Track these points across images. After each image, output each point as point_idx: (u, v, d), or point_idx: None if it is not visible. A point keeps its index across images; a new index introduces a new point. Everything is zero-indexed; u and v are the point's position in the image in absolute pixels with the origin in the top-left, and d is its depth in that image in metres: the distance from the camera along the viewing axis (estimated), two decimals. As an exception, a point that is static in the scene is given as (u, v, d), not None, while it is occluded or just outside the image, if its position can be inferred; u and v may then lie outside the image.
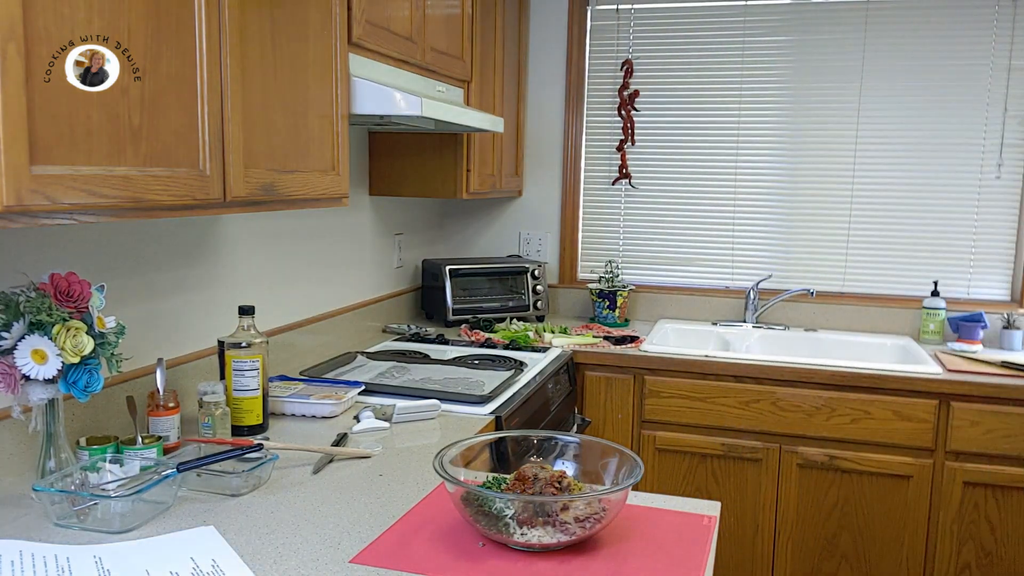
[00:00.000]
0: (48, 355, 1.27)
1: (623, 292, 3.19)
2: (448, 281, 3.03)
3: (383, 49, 2.02)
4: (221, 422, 1.65)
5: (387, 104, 1.90)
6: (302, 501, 1.40)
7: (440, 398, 1.99)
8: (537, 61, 3.38)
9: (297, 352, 2.35)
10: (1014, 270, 3.01)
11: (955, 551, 2.53)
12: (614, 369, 2.74)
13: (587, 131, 3.39)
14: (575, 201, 3.42)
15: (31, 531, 1.25)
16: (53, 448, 1.38)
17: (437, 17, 2.34)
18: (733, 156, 3.22)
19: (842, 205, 3.15)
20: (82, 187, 1.12)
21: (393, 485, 1.49)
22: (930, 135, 3.03)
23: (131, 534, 1.25)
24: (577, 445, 1.39)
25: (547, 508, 1.19)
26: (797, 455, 2.59)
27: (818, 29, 3.09)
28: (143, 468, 1.39)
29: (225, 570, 1.14)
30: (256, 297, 2.13)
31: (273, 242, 2.26)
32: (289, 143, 1.64)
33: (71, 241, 1.59)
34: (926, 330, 2.97)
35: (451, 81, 2.50)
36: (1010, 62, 2.92)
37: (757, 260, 3.25)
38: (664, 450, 2.72)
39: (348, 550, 1.21)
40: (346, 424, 1.85)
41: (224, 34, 1.40)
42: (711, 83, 3.22)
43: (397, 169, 2.80)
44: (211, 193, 1.39)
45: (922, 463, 2.51)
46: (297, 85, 1.66)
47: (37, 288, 1.32)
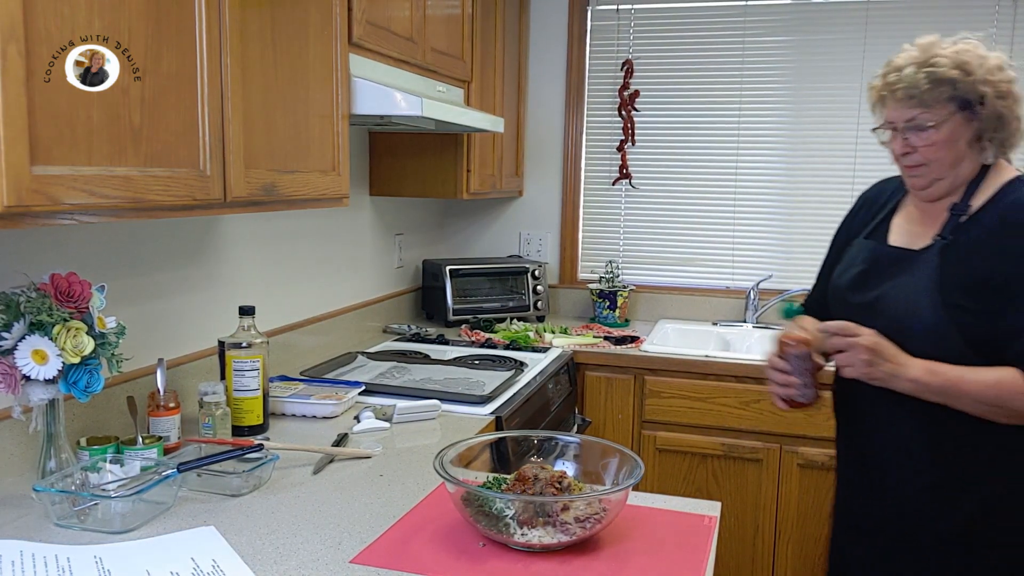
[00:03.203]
0: (48, 355, 1.27)
1: (623, 292, 3.19)
2: (448, 281, 3.03)
3: (383, 49, 2.02)
4: (221, 422, 1.65)
5: (388, 104, 1.90)
6: (302, 501, 1.40)
7: (440, 398, 1.99)
8: (537, 61, 3.38)
9: (297, 352, 2.35)
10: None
11: (956, 551, 2.53)
12: (614, 369, 2.74)
13: (587, 131, 3.39)
14: (575, 201, 3.42)
15: (31, 531, 1.25)
16: (54, 448, 1.38)
17: (437, 17, 2.34)
18: (733, 156, 3.22)
19: (843, 205, 3.10)
20: (82, 187, 1.12)
21: (393, 485, 1.49)
22: (930, 135, 3.02)
23: (131, 534, 1.25)
24: (577, 445, 1.39)
25: (547, 508, 1.19)
26: (798, 455, 2.59)
27: (818, 29, 3.09)
28: (143, 468, 1.39)
29: (225, 570, 1.14)
30: (256, 297, 2.13)
31: (273, 242, 2.26)
32: (289, 143, 1.64)
33: (71, 241, 1.58)
34: None
35: (451, 81, 2.50)
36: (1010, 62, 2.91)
37: (757, 260, 3.25)
38: (664, 450, 2.72)
39: (348, 550, 1.21)
40: (346, 424, 1.85)
41: (224, 34, 1.40)
42: (711, 83, 3.22)
43: (397, 169, 2.80)
44: (211, 193, 1.39)
45: None
46: (298, 85, 1.66)
47: (38, 288, 1.32)
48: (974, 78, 1.45)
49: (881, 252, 1.58)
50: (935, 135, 1.47)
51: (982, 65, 1.46)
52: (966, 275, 1.43)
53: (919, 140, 1.49)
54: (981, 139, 1.49)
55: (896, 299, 1.49)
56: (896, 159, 1.55)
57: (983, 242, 1.45)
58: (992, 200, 1.48)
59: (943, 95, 1.46)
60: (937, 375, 1.43)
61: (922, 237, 1.54)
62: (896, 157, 1.55)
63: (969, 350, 1.42)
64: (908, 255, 1.53)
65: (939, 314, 1.43)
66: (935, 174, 1.50)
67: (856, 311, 1.54)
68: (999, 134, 1.49)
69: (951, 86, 1.45)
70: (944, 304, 1.43)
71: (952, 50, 1.48)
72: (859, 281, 1.58)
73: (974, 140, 1.49)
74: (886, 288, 1.52)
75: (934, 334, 1.44)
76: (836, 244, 1.76)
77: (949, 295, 1.43)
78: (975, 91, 1.45)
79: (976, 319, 1.42)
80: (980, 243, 1.45)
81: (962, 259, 1.45)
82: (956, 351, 1.43)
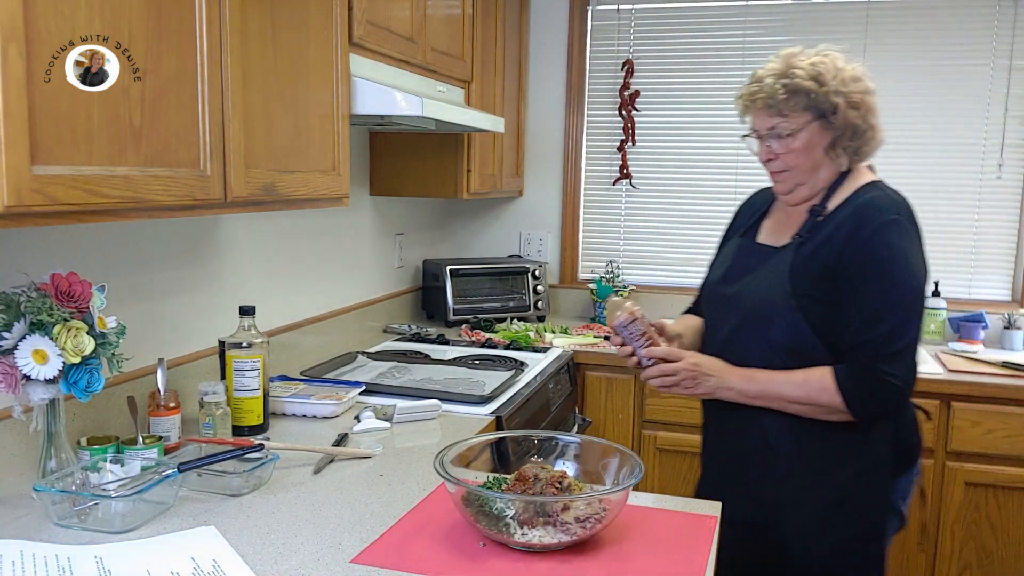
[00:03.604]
0: (49, 355, 1.27)
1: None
2: (449, 281, 3.03)
3: (384, 49, 2.02)
4: (222, 422, 1.65)
5: (388, 104, 1.90)
6: (303, 501, 1.40)
7: (441, 398, 1.99)
8: (537, 61, 3.38)
9: (298, 352, 2.35)
10: (1015, 270, 3.01)
11: (956, 551, 2.53)
12: (615, 369, 2.74)
13: (588, 131, 3.39)
14: (576, 201, 3.42)
15: (32, 531, 1.25)
16: (54, 448, 1.38)
17: (438, 17, 2.34)
18: (734, 156, 3.22)
19: (843, 205, 3.14)
20: (83, 187, 1.12)
21: (394, 485, 1.49)
22: (930, 135, 3.03)
23: (132, 534, 1.25)
24: (578, 445, 1.39)
25: (548, 508, 1.19)
26: (798, 455, 2.59)
27: (818, 29, 3.08)
28: (144, 468, 1.39)
29: (226, 570, 1.14)
30: (257, 297, 2.13)
31: (274, 242, 2.26)
32: (290, 143, 1.64)
33: (72, 241, 1.58)
34: (927, 330, 2.97)
35: (452, 81, 2.50)
36: (1010, 62, 2.92)
37: (758, 260, 3.24)
38: (665, 450, 2.71)
39: (349, 550, 1.21)
40: (347, 424, 1.85)
41: (225, 34, 1.40)
42: (711, 83, 3.22)
43: (397, 169, 2.80)
44: (212, 193, 1.39)
45: (923, 463, 2.51)
46: (298, 85, 1.66)
47: (38, 288, 1.32)
48: (828, 89, 1.53)
49: (748, 249, 1.70)
50: (793, 142, 1.56)
51: (837, 76, 1.54)
52: (815, 267, 1.53)
53: (779, 147, 1.58)
54: (836, 146, 1.57)
55: (755, 291, 1.60)
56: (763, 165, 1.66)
57: (831, 237, 1.54)
58: (846, 202, 1.58)
59: (799, 104, 1.54)
60: (754, 381, 1.55)
61: (784, 236, 1.64)
62: (762, 163, 1.65)
63: (817, 337, 1.52)
64: (769, 251, 1.64)
65: (790, 303, 1.53)
66: (796, 179, 1.60)
67: (722, 302, 1.67)
68: (853, 142, 1.58)
69: (806, 96, 1.53)
70: (794, 294, 1.53)
71: (809, 62, 1.56)
72: (726, 275, 1.70)
73: (830, 147, 1.58)
74: (748, 280, 1.63)
75: (786, 321, 1.53)
76: (719, 246, 1.85)
77: (799, 286, 1.53)
78: (829, 101, 1.54)
79: (821, 307, 1.52)
80: (829, 238, 1.54)
81: (813, 253, 1.54)
82: (807, 339, 1.53)
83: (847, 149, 1.58)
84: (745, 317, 1.59)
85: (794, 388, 1.52)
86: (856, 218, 1.52)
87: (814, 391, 1.50)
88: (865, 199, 1.55)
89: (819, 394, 1.50)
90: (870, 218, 1.51)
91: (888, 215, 1.52)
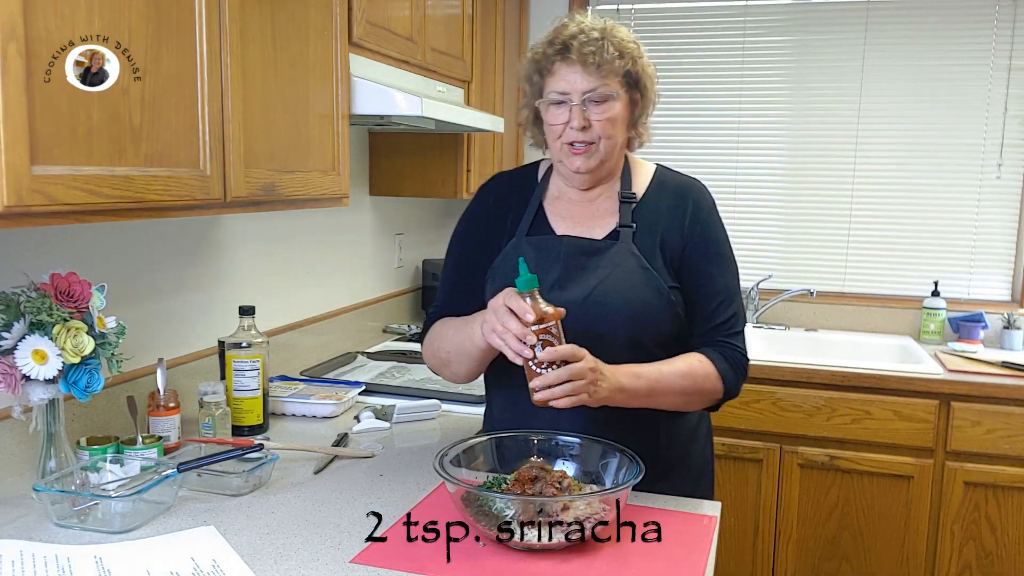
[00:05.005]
0: (48, 355, 1.27)
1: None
2: (448, 281, 3.03)
3: (383, 49, 2.02)
4: (221, 422, 1.65)
5: (388, 104, 1.90)
6: (302, 501, 1.40)
7: (440, 398, 1.99)
8: (537, 61, 3.37)
9: (297, 352, 2.35)
10: (1014, 270, 3.01)
11: (956, 551, 2.53)
12: (614, 369, 2.73)
13: (587, 131, 3.38)
14: (575, 201, 3.41)
15: (32, 531, 1.25)
16: (54, 448, 1.38)
17: (437, 17, 2.34)
18: (733, 156, 3.22)
19: (842, 205, 3.14)
20: (83, 187, 1.12)
21: (393, 485, 1.49)
22: (930, 135, 3.03)
23: (131, 534, 1.25)
24: (577, 445, 1.39)
25: (548, 508, 1.19)
26: (798, 455, 2.59)
27: (818, 29, 3.09)
28: (143, 468, 1.39)
29: (225, 570, 1.14)
30: (256, 297, 2.13)
31: (273, 242, 2.26)
32: (290, 143, 1.64)
33: (71, 241, 1.58)
34: (926, 330, 2.97)
35: (451, 81, 2.50)
36: (1010, 62, 2.92)
37: (757, 260, 3.25)
38: (664, 450, 2.71)
39: (348, 550, 1.21)
40: (346, 424, 1.85)
41: (224, 34, 1.40)
42: (711, 83, 3.22)
43: (397, 169, 2.79)
44: (212, 193, 1.39)
45: (923, 463, 2.51)
46: (298, 85, 1.66)
47: (38, 288, 1.32)
48: (644, 62, 1.44)
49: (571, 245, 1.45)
50: (613, 108, 1.40)
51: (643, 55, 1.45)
52: (667, 257, 1.43)
53: (596, 113, 1.39)
54: (636, 126, 1.48)
55: (617, 290, 1.40)
56: (554, 140, 1.44)
57: (668, 224, 1.45)
58: (654, 186, 1.49)
59: (621, 69, 1.39)
60: (640, 377, 1.36)
61: (596, 227, 1.47)
62: (557, 136, 1.42)
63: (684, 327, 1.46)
64: (597, 245, 1.44)
65: (669, 298, 1.42)
66: (604, 155, 1.43)
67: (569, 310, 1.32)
68: (639, 128, 1.49)
69: (631, 61, 1.40)
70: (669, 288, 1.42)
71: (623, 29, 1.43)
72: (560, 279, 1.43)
73: (632, 125, 1.47)
74: (594, 282, 1.41)
75: (667, 314, 1.42)
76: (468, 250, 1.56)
77: (665, 278, 1.42)
78: (645, 74, 1.44)
79: (681, 295, 1.44)
80: (667, 225, 1.45)
81: (657, 242, 1.44)
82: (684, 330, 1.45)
83: (635, 135, 1.49)
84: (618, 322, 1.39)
85: (680, 379, 1.39)
86: (684, 202, 1.47)
87: (700, 379, 1.40)
88: (679, 182, 1.51)
89: (704, 381, 1.41)
90: (700, 202, 1.47)
91: (709, 197, 1.50)
